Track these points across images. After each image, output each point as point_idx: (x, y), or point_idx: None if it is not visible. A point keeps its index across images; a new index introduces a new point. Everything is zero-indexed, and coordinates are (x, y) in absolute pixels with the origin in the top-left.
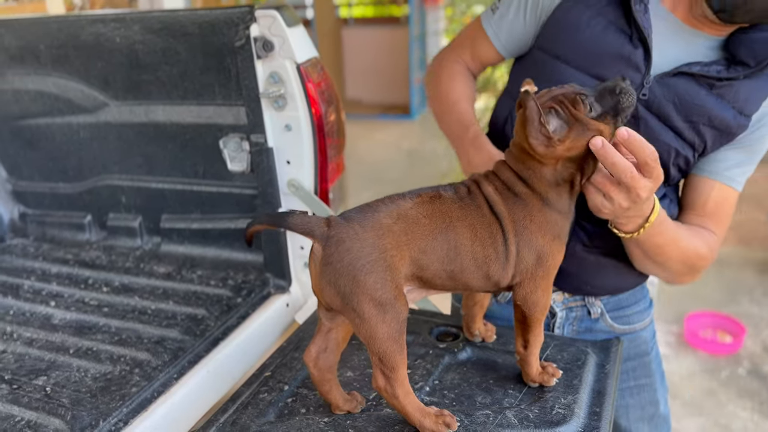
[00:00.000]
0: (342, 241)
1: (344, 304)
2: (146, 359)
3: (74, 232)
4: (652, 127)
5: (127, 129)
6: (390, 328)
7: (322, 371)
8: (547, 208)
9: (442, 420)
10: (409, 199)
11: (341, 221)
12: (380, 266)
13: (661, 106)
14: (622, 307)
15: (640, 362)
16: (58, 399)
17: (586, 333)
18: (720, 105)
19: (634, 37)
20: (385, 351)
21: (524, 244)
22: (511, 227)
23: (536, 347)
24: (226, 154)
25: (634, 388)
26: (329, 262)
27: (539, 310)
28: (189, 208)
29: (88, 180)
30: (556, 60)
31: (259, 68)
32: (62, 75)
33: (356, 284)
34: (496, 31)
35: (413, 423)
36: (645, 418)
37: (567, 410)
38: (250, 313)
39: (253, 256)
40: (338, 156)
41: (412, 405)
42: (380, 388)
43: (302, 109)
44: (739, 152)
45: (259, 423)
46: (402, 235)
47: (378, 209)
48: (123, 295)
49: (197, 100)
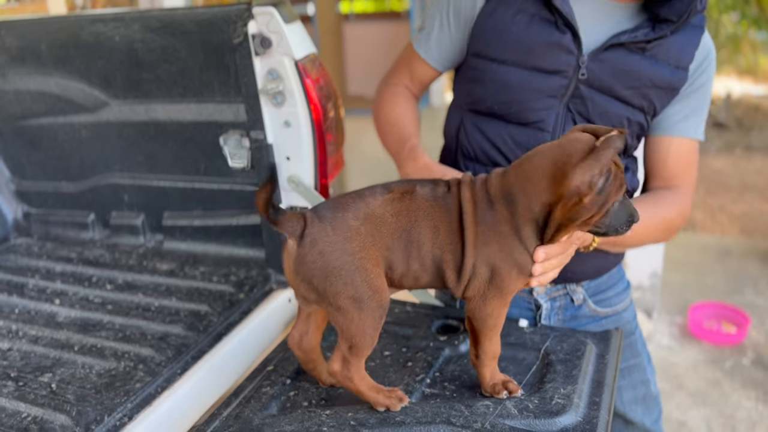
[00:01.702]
0: (315, 242)
1: (320, 299)
2: (150, 355)
3: (77, 231)
4: (599, 103)
5: (128, 127)
6: (365, 323)
7: (307, 352)
8: (515, 238)
9: (395, 395)
10: (380, 195)
11: (315, 220)
12: (350, 269)
13: (602, 81)
14: (602, 291)
15: (626, 342)
16: (64, 395)
17: (572, 321)
18: (656, 65)
19: (559, 23)
20: (357, 342)
21: (482, 260)
22: (473, 240)
23: (488, 360)
24: (226, 151)
25: (624, 369)
26: (303, 262)
27: (488, 326)
28: (191, 205)
29: (90, 179)
30: (493, 62)
31: (258, 65)
32: (63, 75)
33: (330, 284)
34: (427, 50)
35: (368, 401)
36: (638, 399)
37: (566, 400)
38: (253, 309)
39: (255, 252)
40: (338, 151)
41: (366, 385)
42: (336, 372)
43: (301, 106)
44: (686, 103)
45: (262, 416)
46: (368, 236)
47: (347, 208)
48: (126, 292)
49: (197, 98)
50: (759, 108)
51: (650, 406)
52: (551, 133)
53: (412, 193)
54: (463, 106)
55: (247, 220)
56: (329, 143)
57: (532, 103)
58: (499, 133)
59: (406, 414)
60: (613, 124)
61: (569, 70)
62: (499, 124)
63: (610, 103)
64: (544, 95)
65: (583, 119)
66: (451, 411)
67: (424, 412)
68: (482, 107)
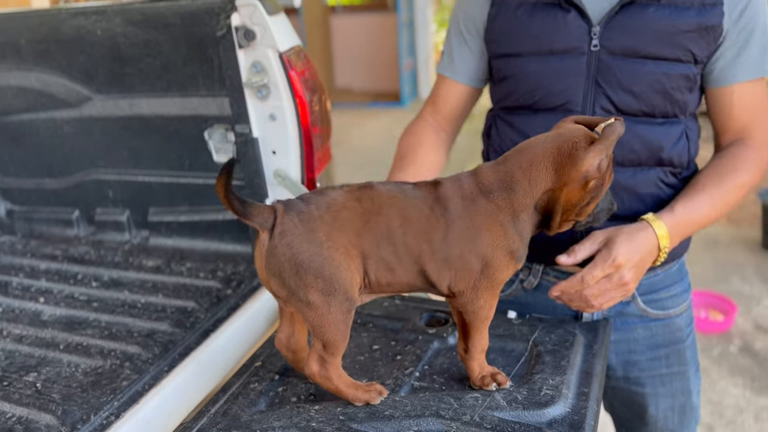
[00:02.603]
0: (284, 234)
1: (290, 295)
2: (137, 353)
3: (62, 228)
4: (627, 68)
5: (112, 123)
6: (335, 317)
7: (295, 352)
8: (511, 225)
9: (373, 389)
10: (340, 188)
11: (284, 212)
12: (317, 259)
13: (623, 46)
14: (656, 290)
15: (673, 350)
16: (49, 394)
17: (617, 317)
18: (676, 12)
19: (562, 2)
20: (329, 339)
21: (472, 252)
22: (459, 233)
23: (477, 353)
24: (211, 146)
25: (666, 375)
26: (274, 254)
27: (479, 319)
28: (176, 200)
29: (74, 175)
30: (509, 58)
31: (241, 58)
32: (44, 70)
33: (299, 278)
34: (452, 70)
35: (347, 398)
36: (675, 408)
37: (555, 391)
38: (240, 305)
39: (242, 247)
40: (324, 145)
41: (344, 383)
42: (314, 373)
43: (286, 99)
44: (735, 39)
45: (250, 412)
46: (333, 223)
47: (310, 201)
48: (112, 289)
49: (181, 92)
50: None
51: (688, 417)
52: (581, 113)
53: (371, 187)
54: (494, 107)
55: (233, 215)
56: (315, 136)
57: (555, 86)
58: (529, 124)
59: (395, 408)
60: (650, 86)
61: (583, 46)
62: (528, 115)
63: (639, 64)
64: (566, 76)
65: (616, 90)
66: (440, 404)
67: (413, 405)
68: (510, 103)
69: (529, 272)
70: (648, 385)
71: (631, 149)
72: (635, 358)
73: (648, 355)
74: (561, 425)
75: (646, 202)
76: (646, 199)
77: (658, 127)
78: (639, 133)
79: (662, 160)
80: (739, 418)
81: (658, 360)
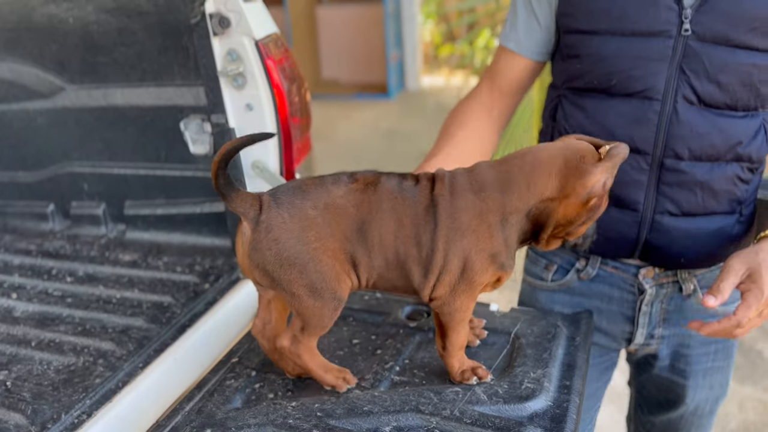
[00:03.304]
0: (270, 228)
1: (274, 285)
2: (110, 349)
3: (36, 222)
4: (717, 56)
5: (86, 113)
6: (320, 312)
7: (271, 341)
8: (498, 228)
9: (342, 376)
10: (344, 184)
11: (273, 205)
12: (305, 258)
13: (715, 32)
14: None
15: (723, 346)
16: (19, 393)
17: (675, 312)
18: None
19: None
20: (311, 325)
21: (455, 253)
22: (445, 233)
23: (455, 350)
24: (187, 137)
25: (710, 369)
26: (257, 248)
27: (456, 320)
28: (153, 193)
29: (48, 168)
30: (585, 35)
31: (216, 46)
32: (15, 59)
33: (284, 272)
34: (516, 41)
35: (315, 378)
36: (710, 399)
37: (536, 384)
38: (218, 299)
39: (221, 240)
40: (304, 135)
41: (315, 363)
42: (285, 347)
43: (263, 88)
44: None
45: (226, 410)
46: (326, 227)
47: (307, 195)
48: (87, 284)
49: (156, 81)
50: None
51: (717, 408)
52: (661, 101)
53: (376, 184)
54: (559, 86)
55: (211, 208)
56: (294, 127)
57: (635, 71)
58: (601, 109)
59: (374, 403)
60: (739, 77)
61: (672, 29)
62: (601, 99)
63: (730, 53)
64: (648, 61)
65: (702, 79)
66: (420, 398)
67: (392, 400)
68: (581, 84)
69: (587, 263)
70: (692, 377)
71: (710, 143)
72: (686, 352)
73: (699, 350)
74: (542, 419)
75: (720, 199)
76: (720, 195)
77: (739, 121)
78: (720, 126)
79: (740, 155)
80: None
81: (707, 355)
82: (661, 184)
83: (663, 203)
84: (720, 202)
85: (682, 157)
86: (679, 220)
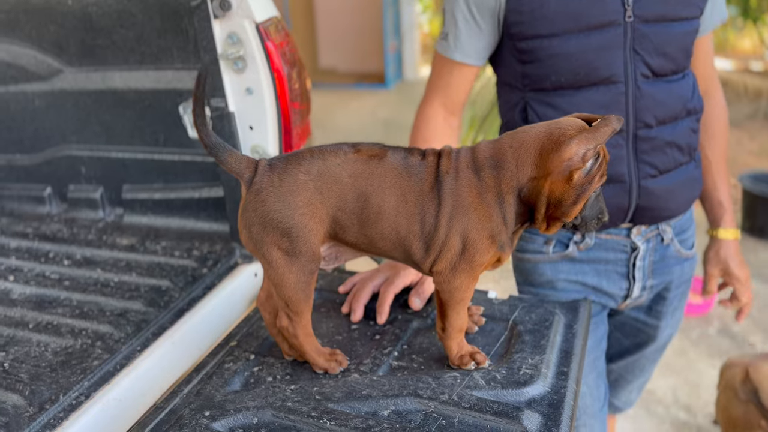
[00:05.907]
0: (260, 190)
1: (256, 250)
2: (108, 332)
3: (34, 205)
4: (659, 33)
5: (84, 96)
6: (296, 278)
7: (272, 314)
8: (496, 207)
9: (335, 359)
10: (343, 153)
11: (266, 169)
12: (288, 223)
13: (654, 12)
14: (684, 230)
15: (687, 286)
16: (17, 374)
17: (661, 263)
18: None
19: None
20: (290, 297)
21: (456, 231)
22: (449, 210)
23: (455, 332)
24: (186, 121)
25: (677, 309)
26: (247, 209)
27: (456, 299)
28: (151, 177)
29: (46, 151)
30: (543, 39)
31: (217, 28)
32: (13, 41)
33: (265, 234)
34: (462, 52)
35: (309, 361)
36: (672, 335)
37: (534, 370)
38: (217, 284)
39: (219, 225)
40: (303, 121)
41: (309, 345)
42: (283, 327)
43: (263, 71)
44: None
45: (224, 392)
46: (316, 193)
47: (302, 162)
48: (85, 268)
49: (155, 65)
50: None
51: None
52: (624, 83)
53: (381, 158)
54: (520, 88)
55: (209, 193)
56: (295, 112)
57: (597, 61)
58: (573, 102)
59: (372, 387)
60: (682, 46)
61: (619, 18)
62: (570, 94)
63: (669, 27)
64: (607, 49)
65: (652, 55)
66: (418, 383)
67: (390, 385)
68: (547, 84)
69: (584, 235)
70: (664, 318)
71: (669, 107)
72: (667, 294)
73: (675, 292)
74: (540, 404)
75: (683, 152)
76: (683, 148)
77: (682, 81)
78: (672, 90)
79: (689, 109)
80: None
81: (679, 296)
82: (639, 153)
83: (644, 169)
84: (684, 154)
85: (651, 125)
86: (658, 180)
